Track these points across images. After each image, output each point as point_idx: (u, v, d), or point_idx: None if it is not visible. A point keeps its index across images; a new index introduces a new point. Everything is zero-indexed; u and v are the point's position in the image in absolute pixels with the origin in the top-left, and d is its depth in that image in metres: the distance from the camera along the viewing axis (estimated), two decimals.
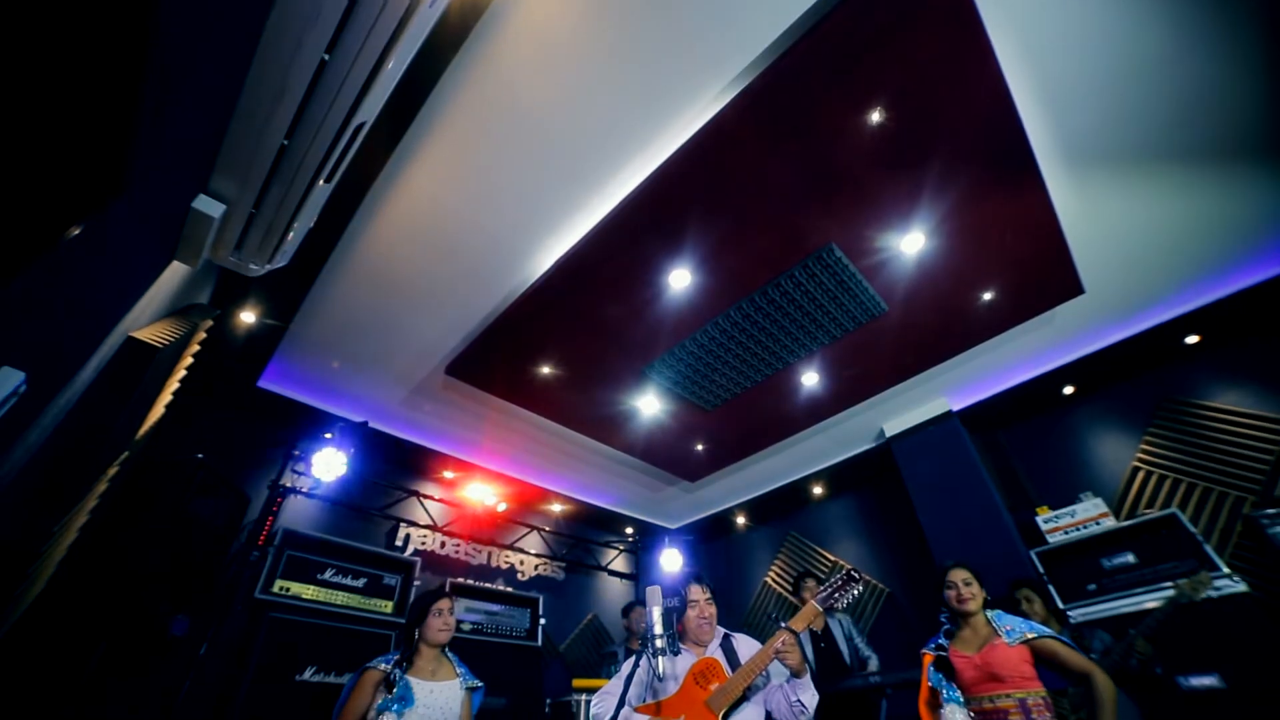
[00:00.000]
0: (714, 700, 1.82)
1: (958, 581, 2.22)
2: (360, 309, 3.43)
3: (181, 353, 2.66)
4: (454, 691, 2.11)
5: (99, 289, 1.48)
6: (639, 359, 3.71)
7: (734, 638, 2.07)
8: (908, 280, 3.26)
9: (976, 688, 1.95)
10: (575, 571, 5.82)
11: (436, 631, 2.20)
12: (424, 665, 2.15)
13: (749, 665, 1.85)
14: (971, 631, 2.14)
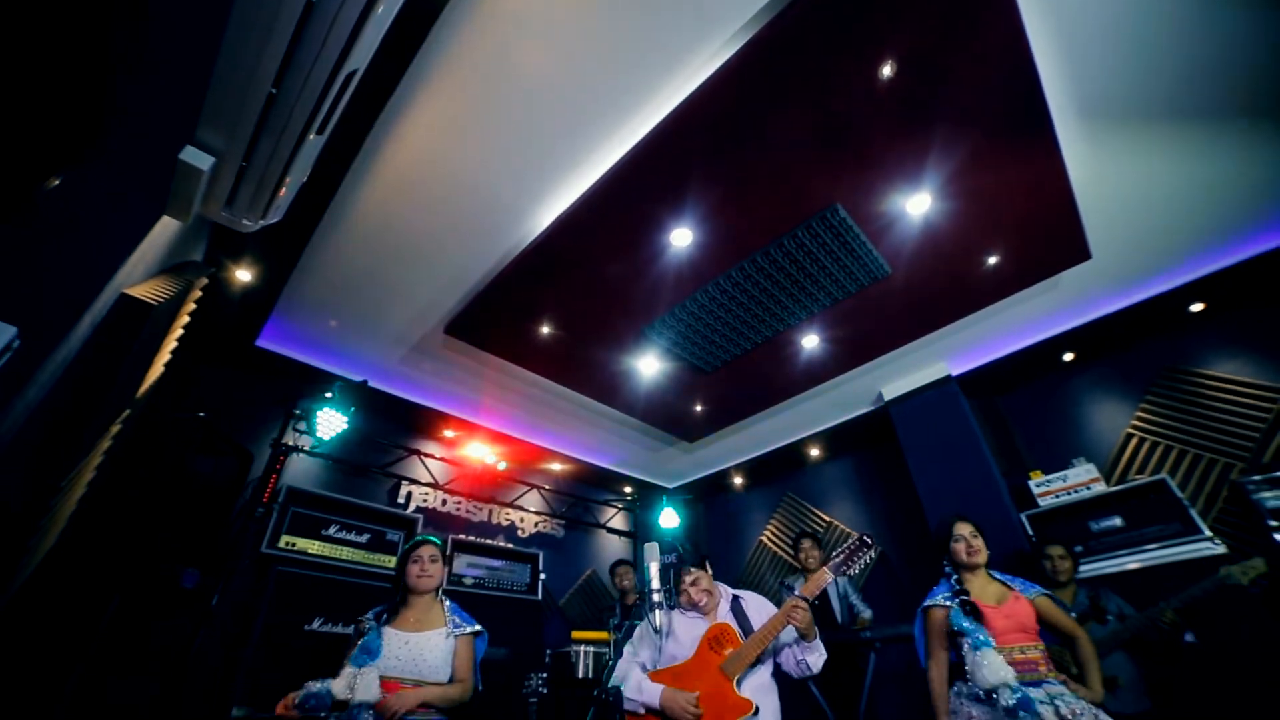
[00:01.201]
0: (729, 665, 1.86)
1: (965, 534, 2.22)
2: (357, 267, 3.38)
3: (178, 311, 2.64)
4: (433, 640, 2.05)
5: (88, 243, 1.45)
6: (639, 319, 3.69)
7: (742, 598, 2.10)
8: (912, 243, 3.21)
9: (1007, 637, 1.96)
10: (574, 529, 5.96)
11: (415, 578, 2.16)
12: (410, 615, 2.12)
13: (763, 631, 1.88)
14: (980, 586, 2.14)
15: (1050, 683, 1.87)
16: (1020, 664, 1.90)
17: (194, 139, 1.72)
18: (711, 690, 1.82)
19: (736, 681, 1.82)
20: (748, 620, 1.99)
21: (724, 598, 2.11)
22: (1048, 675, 1.89)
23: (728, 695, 1.80)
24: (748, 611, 2.03)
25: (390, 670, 1.94)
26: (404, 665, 1.96)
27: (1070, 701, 1.79)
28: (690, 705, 1.79)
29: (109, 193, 1.43)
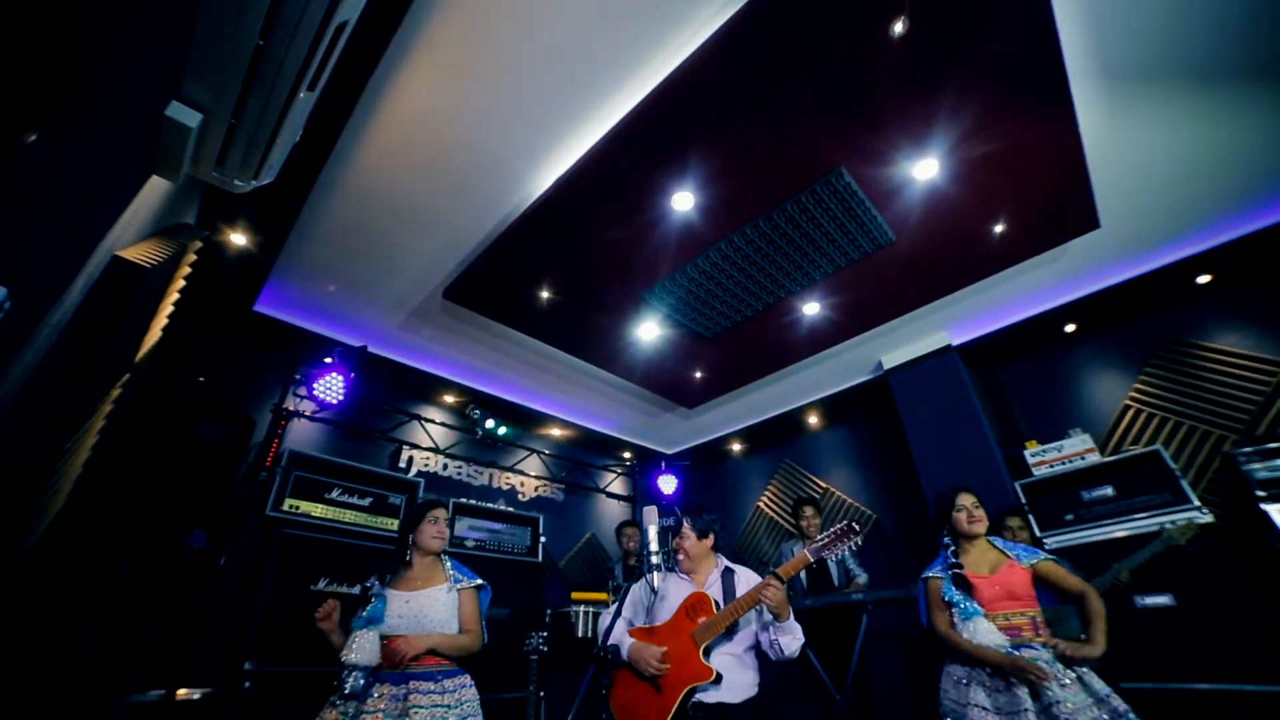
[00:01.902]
0: (699, 633, 1.90)
1: (967, 505, 2.29)
2: (354, 230, 3.33)
3: (173, 274, 2.61)
4: (435, 597, 2.10)
5: (76, 202, 1.42)
6: (639, 284, 3.66)
7: (735, 572, 2.12)
8: (917, 209, 3.15)
9: (995, 605, 2.06)
10: (574, 493, 6.05)
11: (430, 538, 2.20)
12: (413, 575, 2.17)
13: (735, 605, 1.90)
14: (978, 554, 2.23)
15: (1033, 647, 1.96)
16: (1004, 629, 2.01)
17: (180, 94, 1.67)
18: (679, 653, 1.87)
19: (704, 649, 1.85)
20: (734, 593, 2.01)
21: (717, 568, 2.13)
22: (1032, 640, 1.98)
23: (692, 660, 1.84)
24: (736, 585, 2.05)
25: (395, 629, 1.99)
26: (407, 623, 2.01)
27: (1045, 666, 1.88)
28: (655, 659, 1.85)
29: (94, 149, 1.39)
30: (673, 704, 1.77)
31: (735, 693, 1.83)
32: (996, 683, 1.93)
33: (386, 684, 1.92)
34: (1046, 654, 1.94)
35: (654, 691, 1.84)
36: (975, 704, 1.91)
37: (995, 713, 1.88)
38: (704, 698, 1.79)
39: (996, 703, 1.90)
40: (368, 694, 1.89)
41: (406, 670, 1.95)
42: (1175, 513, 3.20)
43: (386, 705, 1.86)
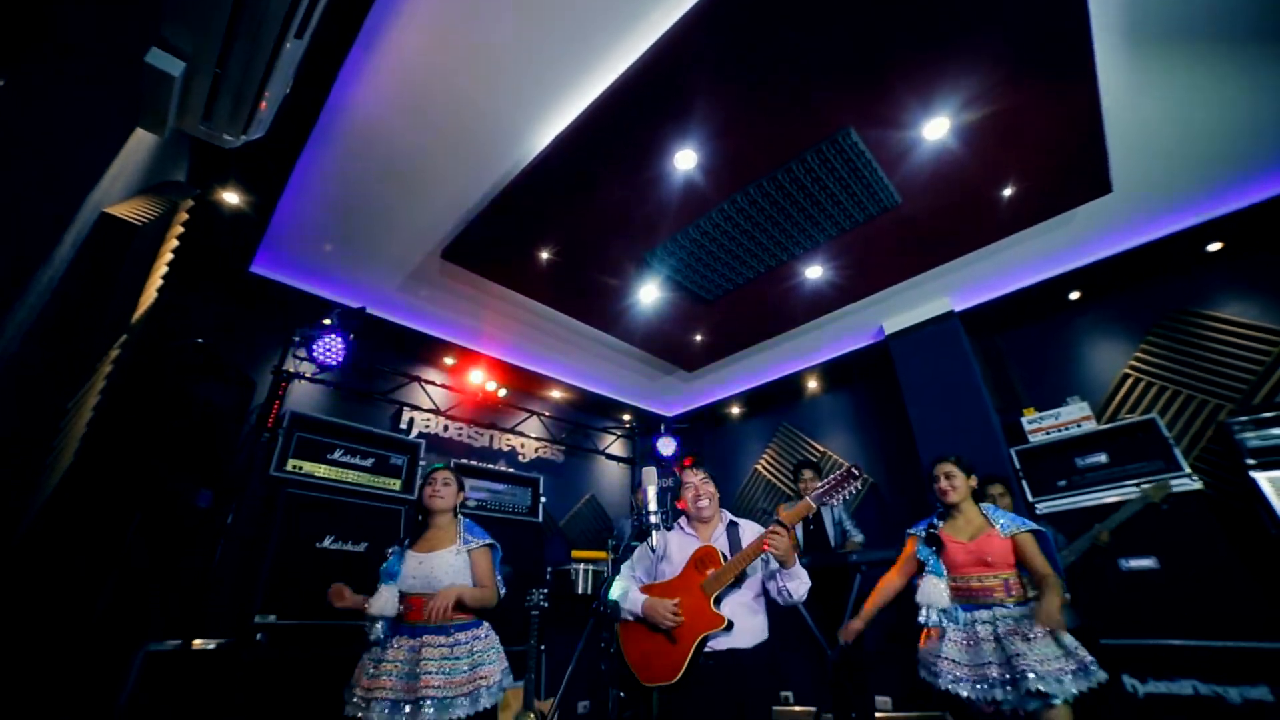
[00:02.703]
0: (708, 584, 1.96)
1: (940, 474, 2.41)
2: (350, 189, 3.25)
3: (165, 233, 2.56)
4: (443, 558, 2.23)
5: (56, 155, 1.37)
6: (640, 245, 3.61)
7: (739, 524, 2.18)
8: (925, 171, 3.08)
9: (965, 569, 2.19)
10: (574, 455, 6.12)
11: (428, 499, 2.35)
12: (429, 536, 2.31)
13: (741, 555, 1.97)
14: (965, 520, 2.34)
15: (1003, 606, 2.09)
16: (973, 590, 2.15)
17: (160, 39, 1.59)
18: (691, 604, 1.94)
19: (715, 599, 1.92)
20: (739, 545, 2.08)
21: (722, 521, 2.20)
22: (1004, 601, 2.10)
23: (705, 610, 1.92)
24: (741, 538, 2.11)
25: (410, 588, 2.15)
26: (420, 582, 2.16)
27: (1010, 623, 2.03)
28: (669, 611, 1.92)
29: (71, 99, 1.33)
30: (687, 652, 1.86)
31: (746, 638, 1.92)
32: (965, 638, 2.07)
33: (403, 637, 2.08)
34: (1017, 612, 2.06)
35: (668, 642, 1.92)
36: (945, 656, 2.06)
37: (963, 665, 2.02)
38: (716, 645, 1.88)
39: (964, 656, 2.04)
40: (387, 644, 2.05)
41: (420, 624, 2.09)
42: (1167, 479, 3.25)
43: (403, 656, 2.03)
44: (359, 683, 2.02)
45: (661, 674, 1.88)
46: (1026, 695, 1.86)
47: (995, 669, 1.94)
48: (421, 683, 1.94)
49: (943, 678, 2.02)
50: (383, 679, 1.96)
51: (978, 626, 2.06)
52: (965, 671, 2.00)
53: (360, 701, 1.96)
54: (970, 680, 1.98)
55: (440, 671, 1.99)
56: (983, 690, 1.93)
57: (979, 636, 2.03)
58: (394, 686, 1.95)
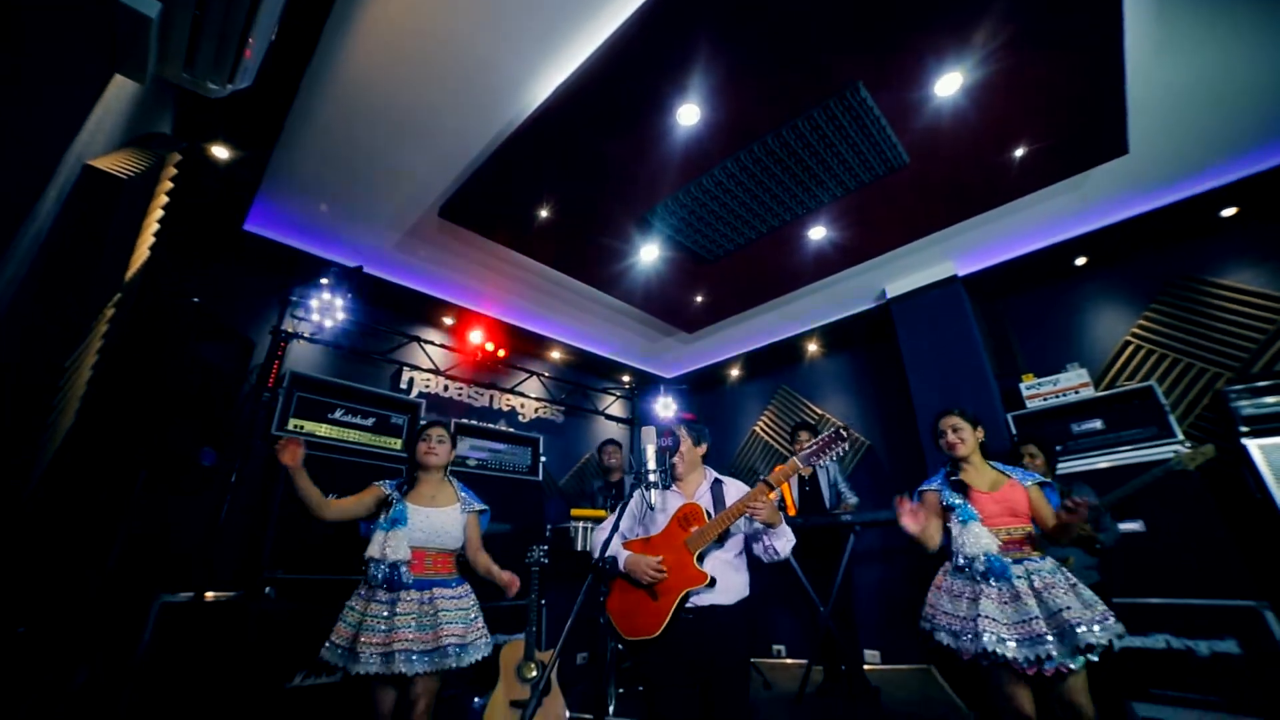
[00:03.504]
0: (691, 541, 1.98)
1: (946, 428, 2.33)
2: (344, 145, 3.16)
3: (154, 189, 2.49)
4: (452, 515, 2.29)
5: (32, 101, 1.31)
6: (641, 204, 3.53)
7: (724, 483, 2.19)
8: (936, 129, 2.98)
9: (996, 520, 2.08)
10: (574, 415, 6.18)
11: (423, 455, 2.37)
12: (424, 492, 2.33)
13: (725, 514, 1.97)
14: (976, 473, 2.24)
15: (1032, 560, 2.01)
16: (1006, 544, 2.04)
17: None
18: (673, 561, 1.97)
19: (697, 556, 1.95)
20: (724, 503, 2.09)
21: (706, 480, 2.21)
22: (1031, 554, 2.03)
23: (687, 566, 1.95)
24: (725, 496, 2.12)
25: (416, 541, 2.18)
26: (428, 536, 2.21)
27: (1045, 575, 1.94)
28: (651, 567, 1.96)
29: (40, 40, 1.27)
30: (670, 607, 1.90)
31: (727, 595, 1.95)
32: (1004, 594, 1.94)
33: (411, 589, 2.11)
34: (1047, 564, 2.00)
35: (650, 597, 1.96)
36: (986, 615, 1.90)
37: (1007, 624, 1.88)
38: (698, 601, 1.92)
39: (1005, 614, 1.91)
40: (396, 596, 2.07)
41: (429, 578, 2.16)
42: (1160, 445, 3.28)
43: (418, 608, 2.07)
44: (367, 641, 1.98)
45: (644, 628, 1.93)
46: (1074, 651, 1.78)
47: (1042, 623, 1.82)
48: (444, 632, 2.03)
49: (984, 637, 1.85)
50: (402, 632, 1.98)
51: (1017, 581, 1.92)
52: (1010, 630, 1.85)
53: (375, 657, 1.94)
54: (1019, 639, 1.83)
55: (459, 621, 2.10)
56: (1031, 647, 1.80)
57: (1020, 591, 1.90)
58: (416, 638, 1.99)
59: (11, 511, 2.13)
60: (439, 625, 2.05)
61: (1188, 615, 2.98)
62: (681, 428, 2.25)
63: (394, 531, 2.13)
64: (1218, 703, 2.79)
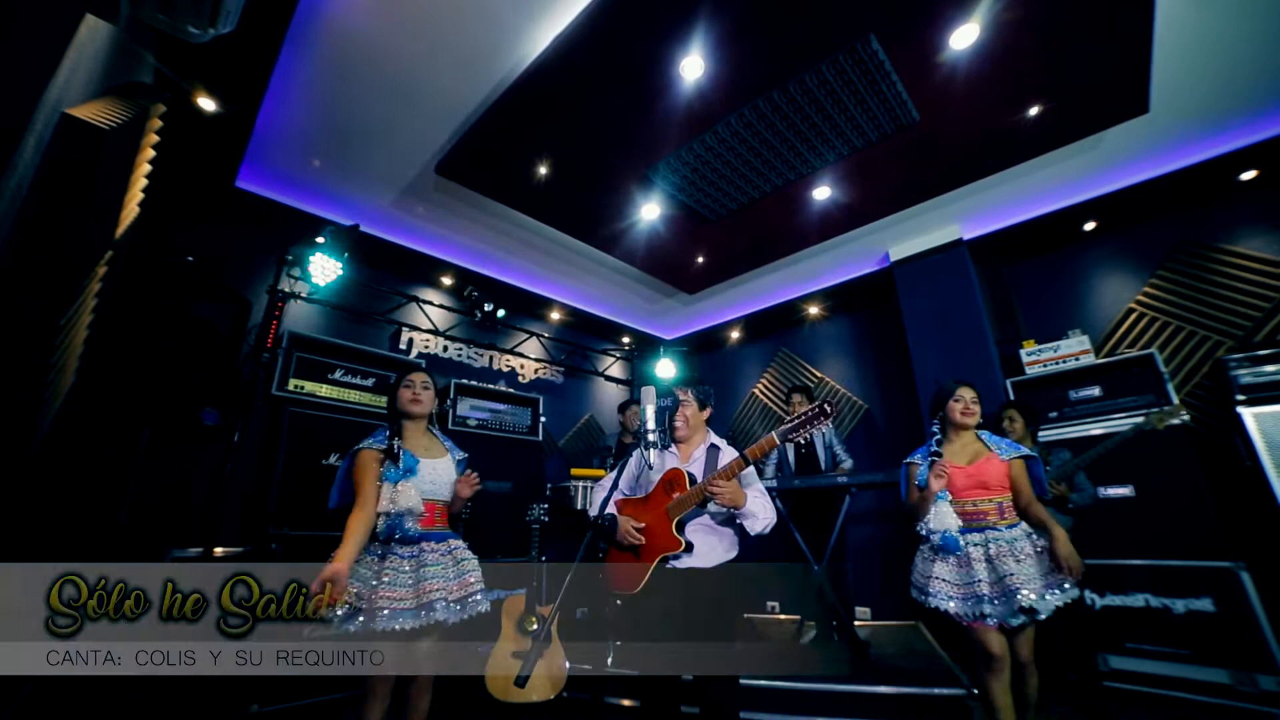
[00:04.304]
0: (672, 508, 2.03)
1: (966, 398, 2.38)
2: (336, 97, 3.04)
3: (138, 142, 2.42)
4: (449, 467, 2.24)
5: None
6: (643, 161, 3.44)
7: (720, 449, 2.20)
8: (948, 85, 2.87)
9: (965, 492, 2.25)
10: (573, 376, 6.19)
11: (408, 403, 2.22)
12: (415, 442, 2.22)
13: (697, 488, 1.99)
14: (961, 445, 2.37)
15: (995, 529, 2.18)
16: (969, 514, 2.22)
17: None
18: (656, 525, 2.04)
19: (676, 523, 2.00)
20: (716, 469, 2.09)
21: (704, 444, 2.22)
22: (997, 524, 2.19)
23: (666, 532, 2.00)
24: (719, 461, 2.15)
25: (425, 493, 2.08)
26: (436, 488, 2.14)
27: (1002, 544, 2.13)
28: (631, 531, 2.04)
29: None
30: (648, 569, 1.98)
31: (707, 559, 2.01)
32: (959, 560, 2.17)
33: (431, 540, 2.06)
34: (1009, 534, 2.16)
35: (635, 558, 2.04)
36: (938, 576, 2.17)
37: (954, 584, 2.14)
38: (677, 564, 1.99)
39: (955, 576, 2.15)
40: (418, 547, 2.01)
41: (443, 530, 2.14)
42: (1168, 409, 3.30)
43: (443, 559, 2.04)
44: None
45: (627, 585, 2.04)
46: (1016, 611, 2.01)
47: (985, 586, 2.07)
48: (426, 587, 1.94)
49: (934, 596, 2.14)
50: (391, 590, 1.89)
51: (970, 549, 2.16)
52: (955, 590, 2.12)
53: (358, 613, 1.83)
54: (960, 597, 2.11)
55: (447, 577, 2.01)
56: (971, 605, 2.07)
57: (971, 558, 2.14)
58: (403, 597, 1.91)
59: (18, 466, 2.16)
60: (464, 575, 2.05)
61: (1169, 575, 3.09)
62: (688, 390, 2.26)
63: (405, 481, 2.00)
64: (1187, 655, 2.95)
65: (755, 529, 2.01)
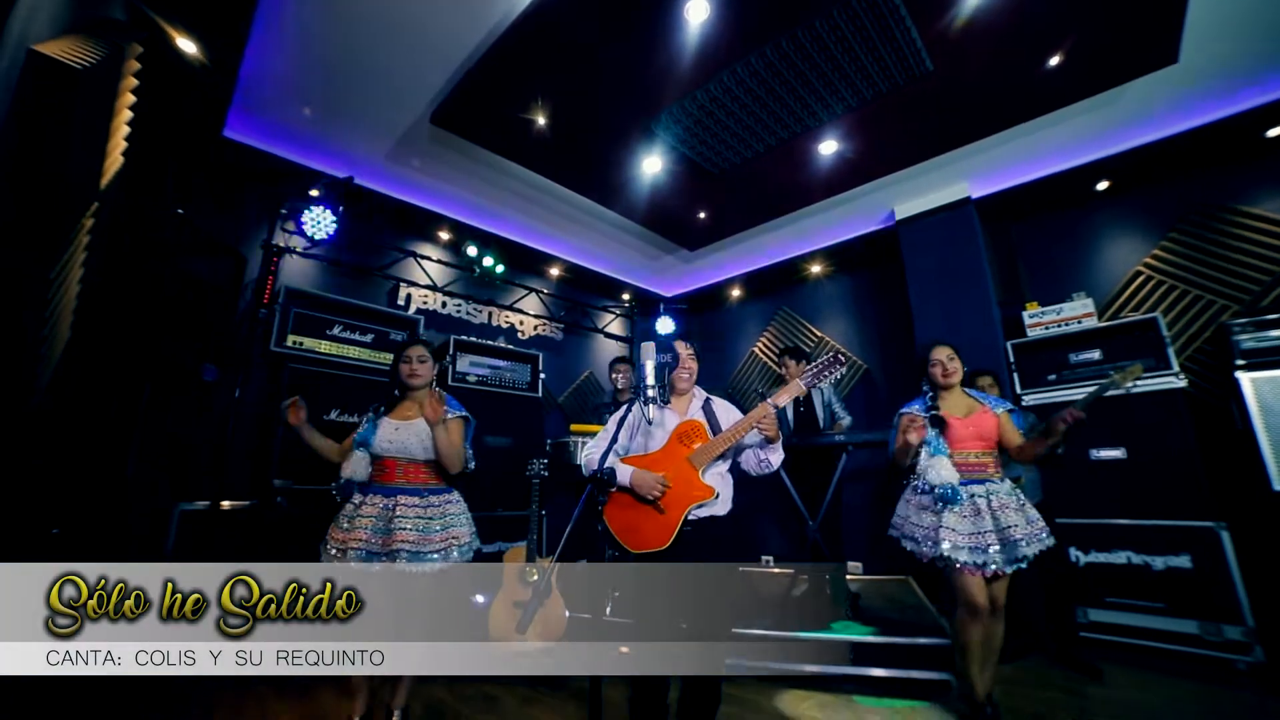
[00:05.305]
0: (695, 457, 2.04)
1: (942, 359, 2.43)
2: (325, 39, 2.90)
3: (116, 85, 2.32)
4: (418, 427, 2.25)
5: None
6: (644, 111, 3.32)
7: (713, 401, 2.23)
8: (966, 32, 2.73)
9: (964, 443, 2.31)
10: (573, 333, 6.18)
11: (407, 377, 2.32)
12: (405, 409, 2.31)
13: (732, 430, 2.03)
14: (954, 401, 2.43)
15: (993, 481, 2.27)
16: (971, 465, 2.29)
17: None
18: (678, 475, 2.03)
19: (701, 472, 2.02)
20: (715, 419, 2.15)
21: (698, 398, 2.25)
22: (993, 476, 2.29)
23: (693, 481, 2.01)
24: (716, 412, 2.18)
25: (384, 451, 2.21)
26: (395, 448, 2.22)
27: (1002, 496, 2.23)
28: (659, 483, 2.00)
29: None
30: (677, 521, 1.98)
31: (722, 507, 2.06)
32: (964, 510, 2.23)
33: (377, 495, 2.18)
34: (1005, 486, 2.26)
35: (656, 512, 2.01)
36: (948, 527, 2.21)
37: (964, 534, 2.20)
38: (698, 513, 2.01)
39: (964, 526, 2.21)
40: (362, 501, 2.17)
41: (395, 485, 2.20)
42: (1153, 377, 3.30)
43: (377, 513, 2.14)
44: (332, 536, 2.15)
45: (652, 541, 1.99)
46: (1015, 559, 2.14)
47: (993, 535, 2.16)
48: (396, 537, 2.08)
49: (943, 545, 2.19)
50: (358, 532, 2.09)
51: (976, 500, 2.23)
52: (966, 540, 2.18)
53: (336, 552, 2.11)
54: (969, 547, 2.17)
55: (414, 529, 2.12)
56: (980, 555, 2.15)
57: (978, 508, 2.21)
58: (368, 540, 2.08)
59: (21, 420, 2.18)
60: (393, 530, 2.12)
61: (1151, 534, 3.19)
62: (689, 345, 2.27)
63: (357, 451, 2.20)
64: (1162, 608, 3.10)
65: (777, 463, 2.11)
